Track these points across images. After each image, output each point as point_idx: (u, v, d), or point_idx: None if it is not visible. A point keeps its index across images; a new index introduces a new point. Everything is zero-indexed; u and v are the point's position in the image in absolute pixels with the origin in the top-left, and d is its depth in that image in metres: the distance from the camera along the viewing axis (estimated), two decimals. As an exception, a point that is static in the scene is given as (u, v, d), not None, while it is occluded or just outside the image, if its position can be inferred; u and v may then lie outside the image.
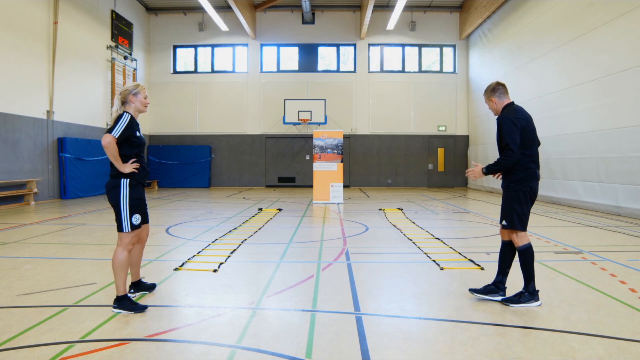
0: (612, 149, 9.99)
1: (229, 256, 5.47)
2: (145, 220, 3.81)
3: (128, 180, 3.60)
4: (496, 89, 3.89)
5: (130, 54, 18.08)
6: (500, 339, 2.99)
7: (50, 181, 13.26)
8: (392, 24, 17.85)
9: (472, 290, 3.95)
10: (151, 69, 20.29)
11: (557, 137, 12.19)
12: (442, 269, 4.86)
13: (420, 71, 20.19)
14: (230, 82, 20.24)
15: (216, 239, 6.64)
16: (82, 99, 14.90)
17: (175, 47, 20.42)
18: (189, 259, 5.27)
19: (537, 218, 9.35)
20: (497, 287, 3.85)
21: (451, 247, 6.04)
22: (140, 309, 3.52)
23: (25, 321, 3.26)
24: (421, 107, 20.09)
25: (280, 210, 10.64)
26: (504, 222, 3.79)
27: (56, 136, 13.49)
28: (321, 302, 3.76)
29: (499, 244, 3.99)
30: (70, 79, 14.15)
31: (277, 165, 20.34)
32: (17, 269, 4.83)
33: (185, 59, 20.63)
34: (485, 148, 17.67)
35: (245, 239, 6.65)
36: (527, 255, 3.70)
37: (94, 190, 14.86)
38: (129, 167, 3.58)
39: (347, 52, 20.42)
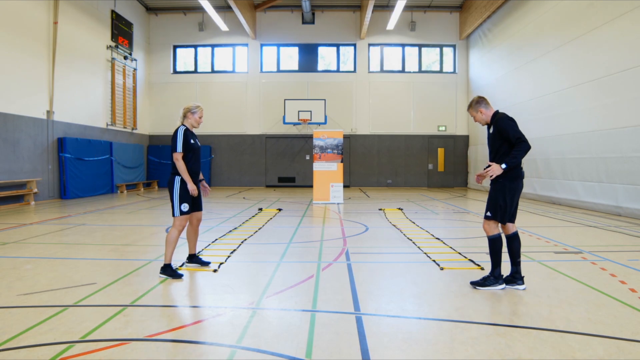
0: (612, 149, 9.99)
1: (229, 256, 5.47)
2: (196, 208, 4.74)
3: (180, 177, 4.52)
4: (480, 101, 4.22)
5: (130, 54, 18.08)
6: (500, 339, 2.99)
7: (50, 181, 13.26)
8: (392, 24, 17.85)
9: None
10: (151, 69, 20.28)
11: (557, 137, 12.19)
12: (442, 269, 4.87)
13: (420, 71, 20.19)
14: (230, 82, 20.23)
15: (216, 239, 6.64)
16: (82, 99, 14.90)
17: (175, 47, 20.41)
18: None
19: (537, 218, 9.35)
20: (514, 277, 4.17)
21: (451, 247, 6.04)
22: (177, 276, 4.44)
23: (25, 321, 3.25)
24: (421, 107, 20.08)
25: (280, 210, 10.63)
26: (488, 213, 4.14)
27: (56, 136, 13.49)
28: (321, 302, 3.76)
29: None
30: (70, 79, 14.14)
31: (277, 165, 20.34)
32: (17, 269, 4.83)
33: (185, 59, 20.62)
34: (485, 148, 17.64)
35: (245, 239, 6.65)
36: (496, 244, 4.13)
37: (94, 190, 14.87)
38: (192, 186, 4.49)
39: (347, 52, 20.41)
